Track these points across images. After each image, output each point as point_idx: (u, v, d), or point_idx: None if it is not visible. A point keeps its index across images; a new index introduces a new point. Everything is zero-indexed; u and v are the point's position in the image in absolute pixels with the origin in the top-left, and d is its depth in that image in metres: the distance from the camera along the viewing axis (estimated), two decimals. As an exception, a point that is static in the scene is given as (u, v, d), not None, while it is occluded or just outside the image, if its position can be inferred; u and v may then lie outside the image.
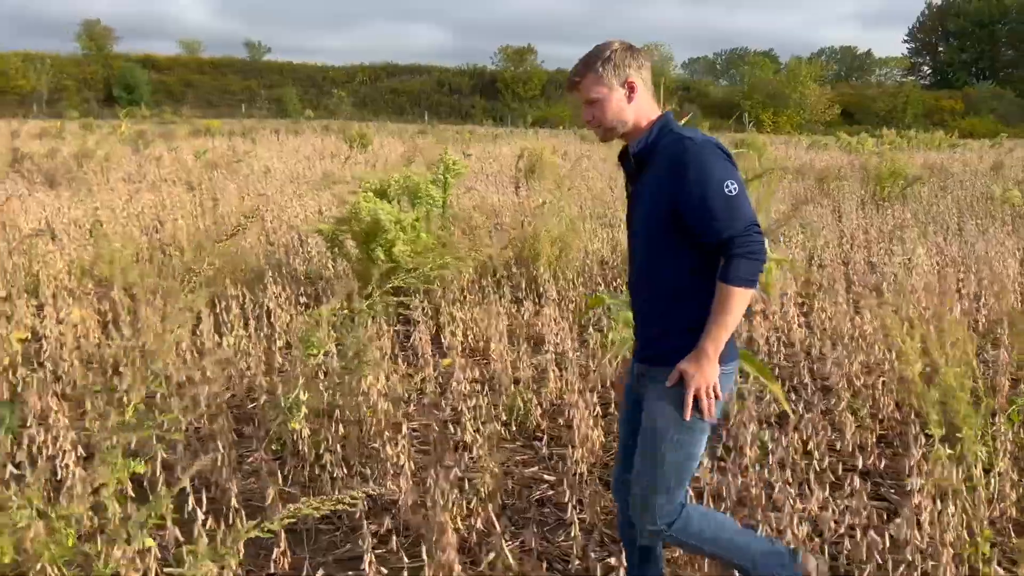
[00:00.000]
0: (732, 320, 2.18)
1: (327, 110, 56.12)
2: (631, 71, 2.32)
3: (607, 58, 2.30)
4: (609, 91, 2.31)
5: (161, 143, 22.08)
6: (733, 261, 2.16)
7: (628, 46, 2.35)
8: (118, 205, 9.84)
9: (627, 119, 2.34)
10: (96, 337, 5.24)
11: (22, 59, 57.36)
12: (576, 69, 2.37)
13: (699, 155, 2.19)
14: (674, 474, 2.29)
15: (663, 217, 2.24)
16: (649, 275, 2.35)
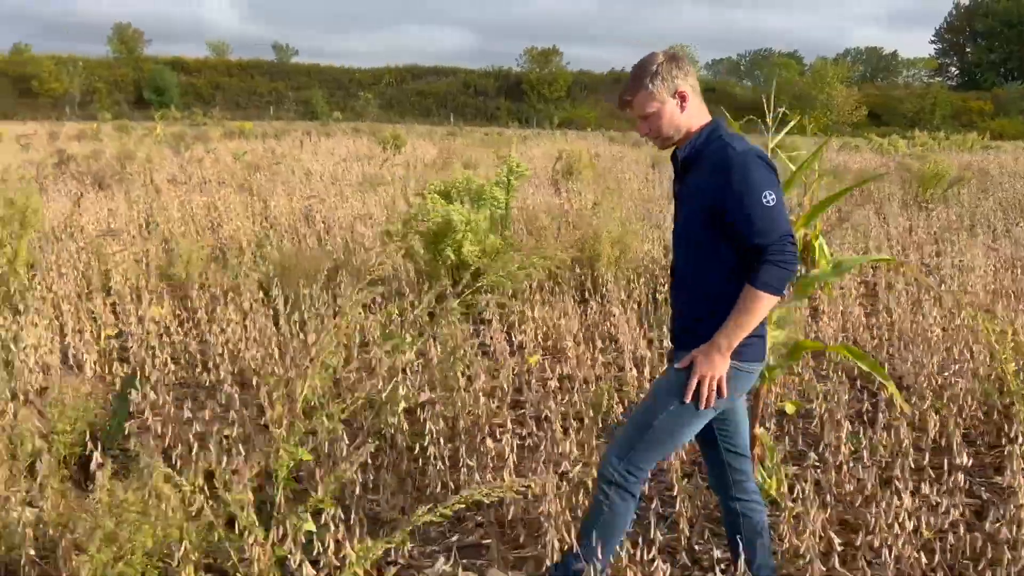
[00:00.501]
0: (751, 322, 2.29)
1: (354, 112, 56.47)
2: (679, 81, 2.39)
3: (655, 72, 2.38)
4: (662, 104, 2.40)
5: (198, 144, 22.37)
6: (764, 267, 2.25)
7: (672, 56, 2.43)
8: (173, 206, 10.03)
9: (681, 127, 2.44)
10: (177, 333, 5.36)
11: (55, 62, 58.21)
12: (626, 87, 2.44)
13: (743, 163, 2.29)
14: (655, 440, 2.42)
15: (705, 219, 2.35)
16: (689, 274, 2.48)
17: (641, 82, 2.39)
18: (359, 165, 17.90)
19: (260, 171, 15.54)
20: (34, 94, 56.73)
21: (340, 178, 15.07)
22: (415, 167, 17.00)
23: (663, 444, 2.45)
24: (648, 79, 2.38)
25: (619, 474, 2.44)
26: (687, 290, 2.48)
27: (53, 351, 4.57)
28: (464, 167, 17.87)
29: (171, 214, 9.54)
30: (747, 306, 2.27)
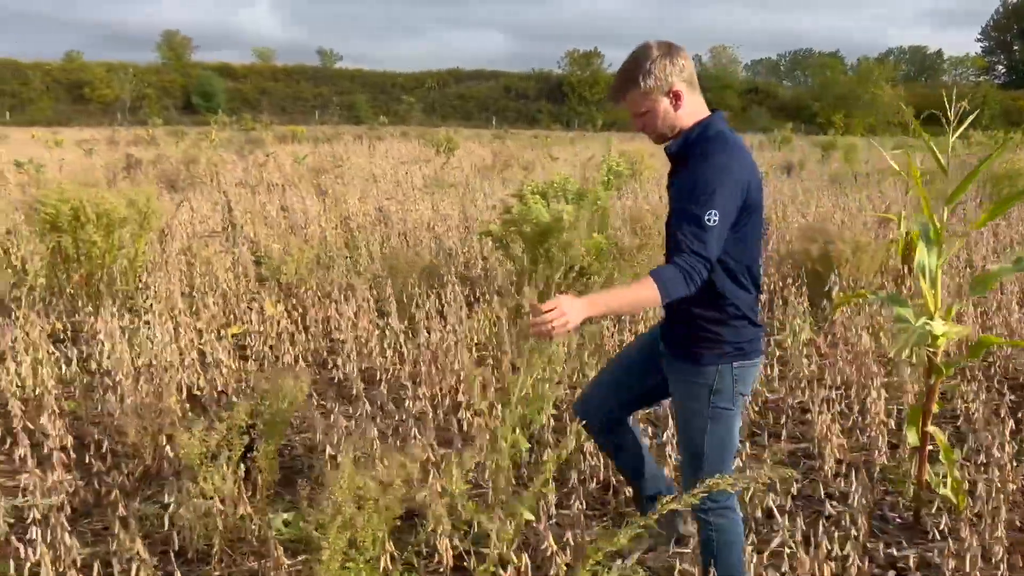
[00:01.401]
0: (628, 307, 2.25)
1: (398, 116, 56.84)
2: (673, 78, 2.29)
3: (648, 70, 2.26)
4: (655, 103, 2.30)
5: (255, 149, 22.67)
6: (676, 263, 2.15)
7: (666, 50, 2.30)
8: (255, 209, 10.18)
9: (676, 124, 2.35)
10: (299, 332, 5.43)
11: (106, 69, 59.39)
12: (618, 84, 2.33)
13: (711, 152, 2.24)
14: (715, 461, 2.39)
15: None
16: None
17: (634, 79, 2.28)
18: (417, 167, 18.02)
19: (325, 174, 15.72)
20: (86, 100, 57.92)
21: (404, 180, 15.19)
22: (477, 169, 17.08)
23: (723, 457, 2.43)
24: (641, 76, 2.27)
25: (709, 500, 2.40)
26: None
27: (191, 349, 4.66)
28: (522, 168, 17.99)
29: (255, 216, 9.70)
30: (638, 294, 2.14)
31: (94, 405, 4.09)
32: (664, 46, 2.30)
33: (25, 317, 5.05)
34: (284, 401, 2.55)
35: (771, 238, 8.76)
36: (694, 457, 2.44)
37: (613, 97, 2.36)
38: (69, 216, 5.32)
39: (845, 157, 20.78)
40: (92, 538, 3.14)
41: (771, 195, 12.95)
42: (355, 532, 2.17)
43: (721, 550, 2.50)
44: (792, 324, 5.14)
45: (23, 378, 4.29)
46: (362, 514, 2.15)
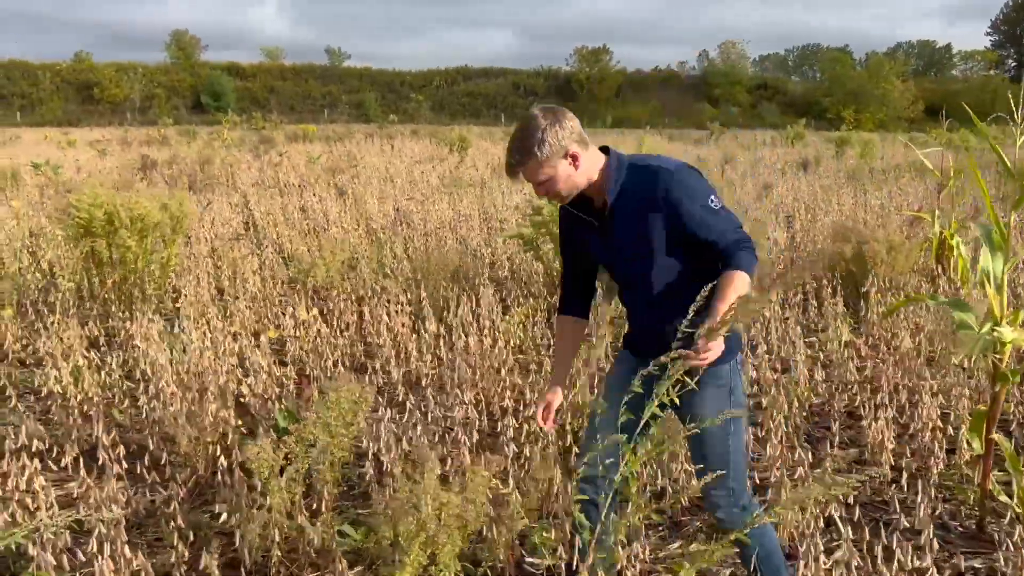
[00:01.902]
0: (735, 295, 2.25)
1: (406, 114, 56.82)
2: (567, 142, 2.29)
3: (542, 139, 2.26)
4: (555, 169, 2.30)
5: (269, 148, 22.67)
6: (740, 254, 2.27)
7: (553, 117, 2.30)
8: (276, 210, 10.17)
9: (580, 182, 2.36)
10: (334, 335, 5.41)
11: (115, 69, 59.51)
12: (514, 158, 2.33)
13: (679, 179, 2.30)
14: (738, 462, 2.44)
15: (665, 238, 2.33)
16: (662, 296, 2.42)
17: (529, 152, 2.28)
18: (431, 167, 17.98)
19: (341, 174, 15.71)
20: (95, 101, 58.03)
21: (420, 180, 15.16)
22: (493, 168, 17.04)
23: (740, 458, 2.47)
24: (536, 147, 2.27)
25: (737, 511, 2.44)
26: (663, 308, 2.41)
27: (229, 354, 4.64)
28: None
29: (276, 218, 9.68)
30: (735, 288, 2.21)
31: (138, 412, 4.07)
32: (549, 114, 2.31)
33: (60, 323, 5.04)
34: (349, 413, 2.52)
35: (796, 236, 8.71)
36: (723, 466, 2.40)
37: (511, 172, 2.36)
38: (103, 221, 5.30)
39: (861, 153, 20.66)
40: (148, 549, 3.12)
41: (791, 192, 12.90)
42: (437, 548, 2.13)
43: (772, 556, 2.51)
44: (833, 326, 5.08)
45: (64, 385, 4.27)
46: (445, 530, 2.12)
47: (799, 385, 4.30)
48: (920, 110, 64.72)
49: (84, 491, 3.16)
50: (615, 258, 2.47)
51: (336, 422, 2.49)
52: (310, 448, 2.46)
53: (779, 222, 9.46)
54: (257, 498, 3.04)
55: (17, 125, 44.44)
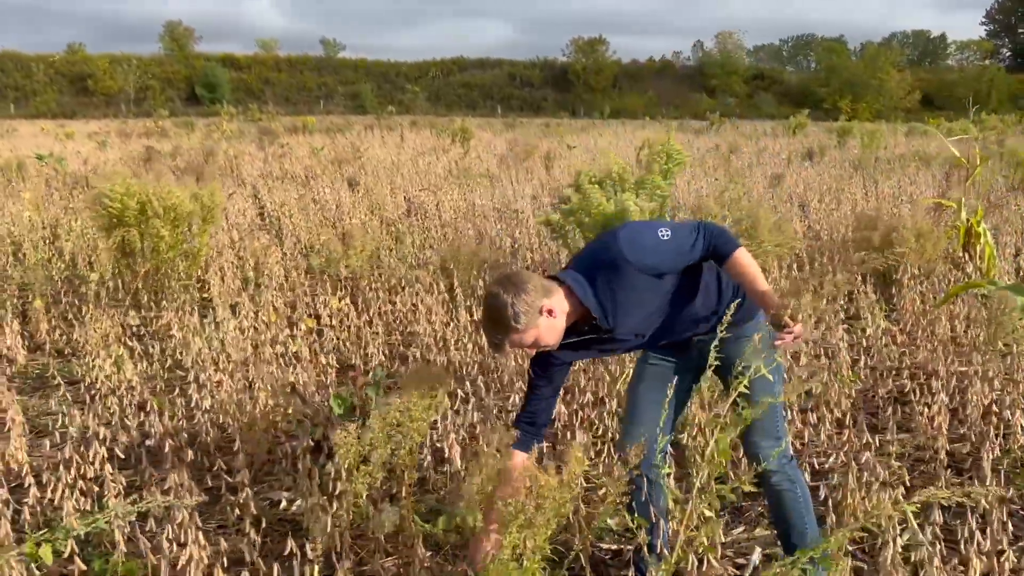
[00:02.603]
0: (757, 268, 2.39)
1: (403, 105, 56.67)
2: (536, 303, 2.32)
3: (514, 315, 2.30)
4: (536, 329, 2.34)
5: (271, 140, 22.58)
6: (716, 244, 2.40)
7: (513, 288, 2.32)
8: (292, 201, 10.13)
9: (562, 325, 2.41)
10: (361, 325, 5.40)
11: (109, 61, 59.16)
12: (495, 338, 2.37)
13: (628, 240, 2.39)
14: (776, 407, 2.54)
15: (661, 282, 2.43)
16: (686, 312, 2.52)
17: (508, 328, 2.32)
18: (435, 157, 17.94)
19: (347, 165, 15.66)
20: (90, 93, 57.71)
21: (427, 171, 15.13)
22: (499, 159, 17.01)
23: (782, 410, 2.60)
24: (512, 321, 2.30)
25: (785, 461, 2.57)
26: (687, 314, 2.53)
27: (271, 343, 4.63)
28: (543, 158, 17.91)
29: (291, 209, 9.65)
30: (744, 267, 2.37)
31: (185, 401, 4.06)
32: (509, 285, 2.33)
33: (93, 314, 5.03)
34: (428, 398, 2.51)
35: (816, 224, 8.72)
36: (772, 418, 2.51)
37: (497, 350, 2.39)
38: (135, 210, 5.27)
39: (866, 143, 20.68)
40: (214, 536, 3.11)
41: (800, 182, 12.91)
42: (533, 530, 2.14)
43: (806, 504, 2.62)
44: (869, 314, 5.10)
45: (108, 375, 4.26)
46: (541, 514, 2.12)
47: (843, 371, 4.31)
48: (916, 100, 64.85)
49: (148, 479, 3.16)
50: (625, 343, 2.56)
51: (416, 407, 2.49)
52: (393, 433, 2.45)
53: (795, 211, 9.46)
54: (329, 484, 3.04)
55: (11, 117, 44.18)
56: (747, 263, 2.38)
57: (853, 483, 2.97)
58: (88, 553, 2.92)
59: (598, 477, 2.91)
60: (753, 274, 2.38)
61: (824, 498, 3.26)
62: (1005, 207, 9.42)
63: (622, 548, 3.03)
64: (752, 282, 2.37)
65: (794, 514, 2.61)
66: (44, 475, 3.20)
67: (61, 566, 2.83)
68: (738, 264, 2.38)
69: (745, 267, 2.37)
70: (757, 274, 2.39)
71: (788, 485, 2.60)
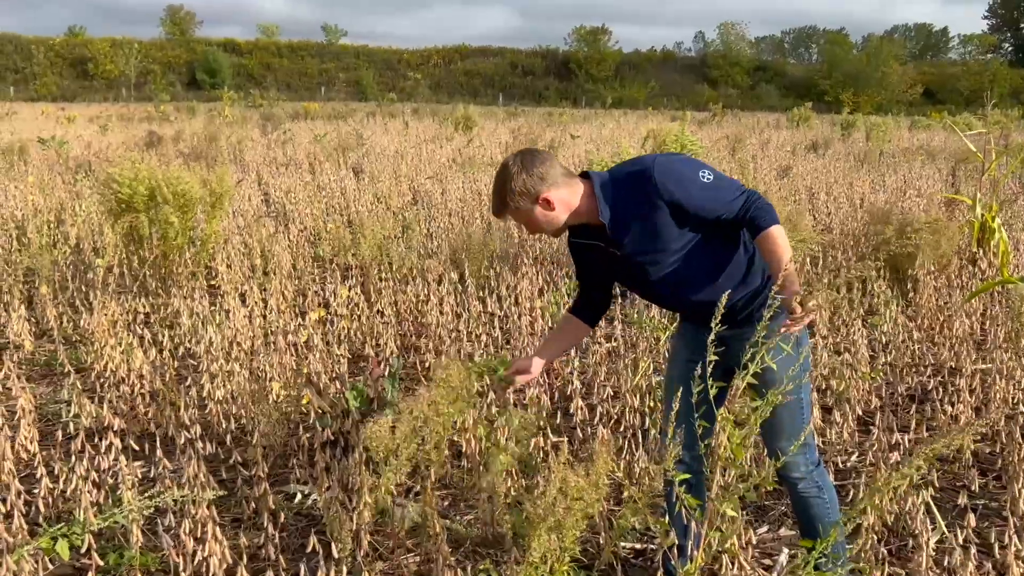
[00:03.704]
0: (789, 252, 2.28)
1: (404, 92, 56.43)
2: (537, 187, 2.33)
3: (511, 190, 2.34)
4: (529, 212, 2.37)
5: (275, 126, 22.46)
6: (756, 214, 2.29)
7: (521, 164, 2.35)
8: (297, 188, 10.06)
9: (560, 218, 2.39)
10: (369, 314, 5.33)
11: (110, 44, 58.85)
12: (494, 205, 2.44)
13: (666, 168, 2.30)
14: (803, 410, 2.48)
15: (678, 229, 2.33)
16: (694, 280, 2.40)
17: (504, 200, 2.38)
18: (438, 145, 17.85)
19: (350, 152, 15.57)
20: (90, 76, 57.43)
21: (430, 159, 15.04)
22: (504, 147, 16.91)
23: (809, 415, 2.51)
24: (508, 197, 2.36)
25: (812, 467, 2.48)
26: (705, 286, 2.42)
27: (283, 332, 4.57)
28: (547, 147, 17.82)
29: (296, 195, 9.58)
30: (777, 243, 2.26)
31: (199, 390, 3.99)
32: (517, 162, 2.36)
33: (100, 301, 4.96)
34: (455, 394, 2.45)
35: (826, 217, 8.66)
36: (799, 423, 2.43)
37: (495, 214, 2.46)
38: (145, 196, 5.20)
39: (872, 136, 20.60)
40: (230, 530, 3.06)
41: (808, 174, 12.83)
42: (562, 531, 2.08)
43: (834, 510, 2.53)
44: (886, 310, 5.04)
45: (117, 364, 4.20)
46: (570, 515, 2.07)
47: (863, 368, 4.25)
48: (918, 93, 64.66)
49: (162, 471, 3.10)
50: (632, 267, 2.43)
51: (444, 401, 2.43)
52: (420, 428, 2.39)
53: (806, 204, 9.39)
54: (348, 479, 2.99)
55: (11, 100, 43.94)
56: (783, 241, 2.29)
57: (880, 484, 2.91)
58: (102, 547, 2.86)
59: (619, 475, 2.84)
60: (783, 253, 2.27)
61: (851, 498, 3.22)
62: (1014, 202, 9.38)
63: (645, 547, 2.98)
64: (780, 260, 2.26)
65: (822, 523, 2.51)
66: (56, 466, 3.15)
67: (74, 560, 2.79)
68: (774, 239, 2.28)
69: (779, 244, 2.27)
70: (787, 254, 2.28)
71: (815, 492, 2.51)
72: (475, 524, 3.02)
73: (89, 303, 5.24)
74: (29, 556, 2.43)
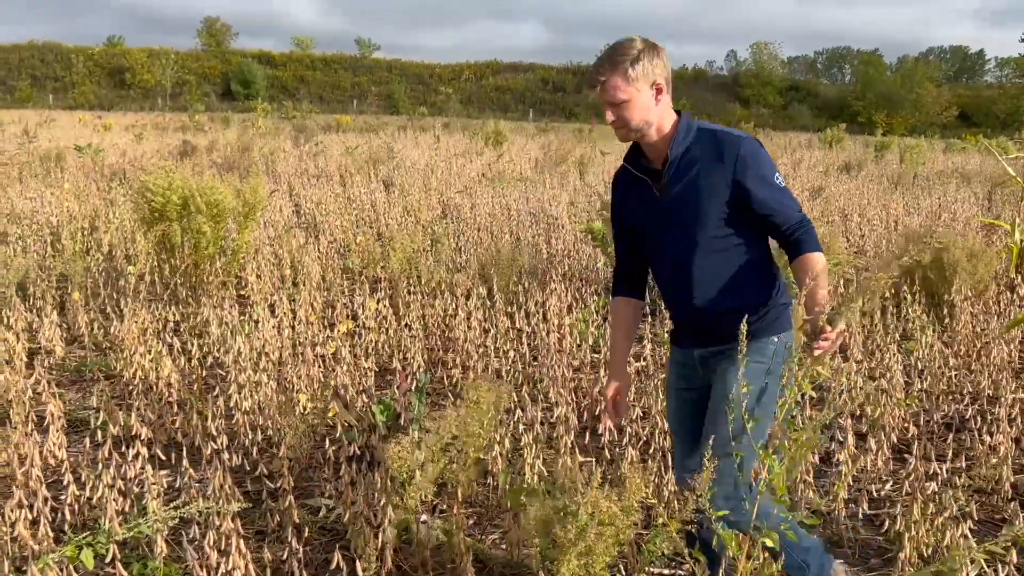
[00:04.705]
0: (827, 279, 2.25)
1: (435, 107, 56.78)
2: (658, 72, 2.25)
3: (635, 58, 2.22)
4: (637, 93, 2.25)
5: (308, 137, 22.66)
6: (806, 236, 2.27)
7: (652, 44, 2.27)
8: (328, 199, 10.11)
9: (652, 120, 2.30)
10: (397, 327, 5.32)
11: (147, 55, 59.84)
12: (601, 68, 2.26)
13: (754, 152, 2.26)
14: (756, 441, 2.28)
15: (722, 216, 2.28)
16: (707, 275, 2.34)
17: (619, 65, 2.23)
18: (468, 160, 17.89)
19: (381, 165, 15.65)
20: (127, 86, 58.38)
21: (461, 173, 15.08)
22: (535, 163, 16.93)
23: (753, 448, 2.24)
24: (628, 63, 2.22)
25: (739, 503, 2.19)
26: (708, 288, 2.35)
27: (311, 344, 4.57)
28: (577, 164, 17.81)
29: (327, 207, 9.62)
30: (819, 268, 2.22)
31: (226, 400, 3.99)
32: (650, 42, 2.28)
33: (131, 308, 4.98)
34: (486, 413, 2.42)
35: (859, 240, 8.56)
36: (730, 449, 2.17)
37: (592, 81, 2.28)
38: (178, 205, 5.23)
39: (906, 158, 20.39)
40: (254, 543, 3.04)
41: (841, 195, 12.71)
42: (592, 556, 2.04)
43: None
44: (921, 336, 4.94)
45: (146, 371, 4.21)
46: (602, 541, 2.02)
47: (898, 395, 4.17)
48: (953, 116, 63.97)
49: (186, 481, 3.09)
50: (664, 223, 2.35)
51: (475, 421, 2.40)
52: (448, 446, 2.36)
53: (839, 226, 9.28)
54: (373, 495, 2.96)
55: (50, 107, 44.76)
56: (823, 267, 2.25)
57: (918, 515, 2.84)
58: (126, 556, 2.86)
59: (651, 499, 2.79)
60: (822, 279, 2.23)
61: (886, 528, 3.14)
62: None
63: (674, 573, 2.92)
64: (818, 286, 2.21)
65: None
66: (83, 473, 3.15)
67: (98, 568, 2.78)
68: (815, 263, 2.24)
69: (819, 270, 2.23)
70: (824, 281, 2.24)
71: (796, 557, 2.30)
72: (500, 544, 2.98)
73: (120, 310, 5.27)
74: (54, 564, 2.42)
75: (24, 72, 58.19)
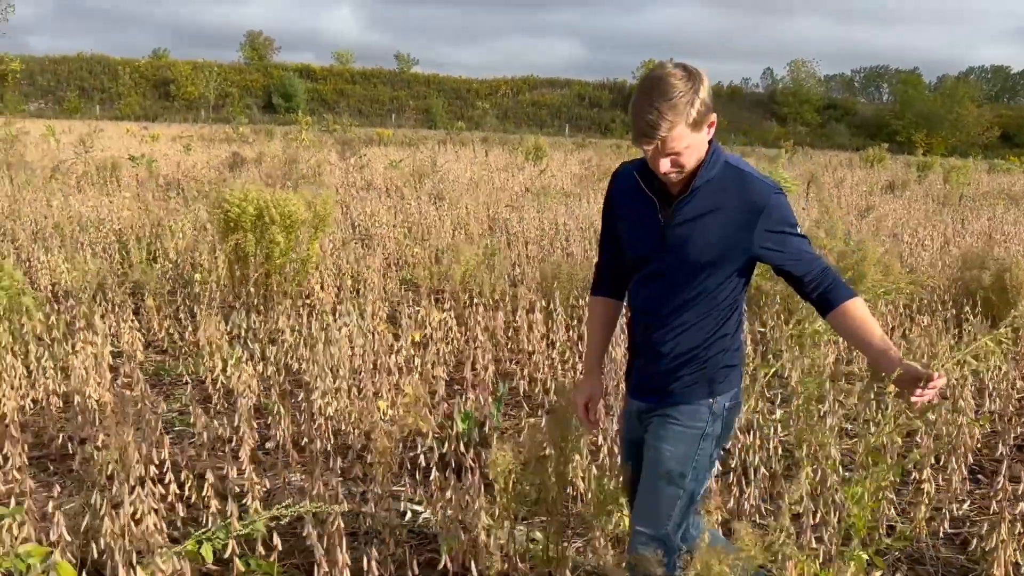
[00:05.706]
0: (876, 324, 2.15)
1: (472, 121, 57.16)
2: (710, 103, 2.01)
3: (690, 100, 1.95)
4: (699, 134, 2.01)
5: (353, 151, 22.93)
6: (836, 281, 2.16)
7: (693, 72, 1.99)
8: (382, 212, 10.27)
9: (703, 152, 2.08)
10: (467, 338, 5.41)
11: (191, 67, 60.96)
12: (661, 119, 1.95)
13: (778, 202, 2.11)
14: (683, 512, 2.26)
15: (727, 256, 2.13)
16: (683, 318, 2.19)
17: (682, 113, 1.94)
18: (511, 174, 18.02)
19: (426, 178, 15.82)
20: (171, 97, 59.48)
21: (504, 187, 15.21)
22: (577, 178, 17.03)
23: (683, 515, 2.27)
24: (688, 106, 1.95)
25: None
26: (679, 333, 2.21)
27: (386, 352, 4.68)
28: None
29: (381, 219, 9.78)
30: (867, 320, 2.12)
31: (309, 405, 4.11)
32: (687, 69, 2.00)
33: (205, 315, 5.14)
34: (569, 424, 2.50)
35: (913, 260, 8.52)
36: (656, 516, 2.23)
37: (653, 133, 1.96)
38: (253, 216, 5.39)
39: (951, 178, 20.23)
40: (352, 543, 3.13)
41: (888, 215, 12.64)
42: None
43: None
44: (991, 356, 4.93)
45: (228, 376, 4.34)
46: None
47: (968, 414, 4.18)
48: (995, 136, 63.13)
49: (284, 483, 3.20)
50: (660, 248, 2.16)
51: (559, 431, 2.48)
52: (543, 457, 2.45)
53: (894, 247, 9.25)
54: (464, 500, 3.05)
55: (97, 118, 45.71)
56: (867, 314, 2.12)
57: (1005, 534, 2.86)
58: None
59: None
60: (872, 327, 2.09)
61: (971, 547, 3.17)
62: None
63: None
64: (871, 336, 2.07)
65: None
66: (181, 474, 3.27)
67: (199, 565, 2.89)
68: (858, 312, 2.10)
69: (865, 318, 2.10)
70: (876, 328, 2.10)
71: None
72: (584, 552, 3.05)
73: (193, 316, 5.42)
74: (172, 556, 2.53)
75: (72, 83, 59.58)
